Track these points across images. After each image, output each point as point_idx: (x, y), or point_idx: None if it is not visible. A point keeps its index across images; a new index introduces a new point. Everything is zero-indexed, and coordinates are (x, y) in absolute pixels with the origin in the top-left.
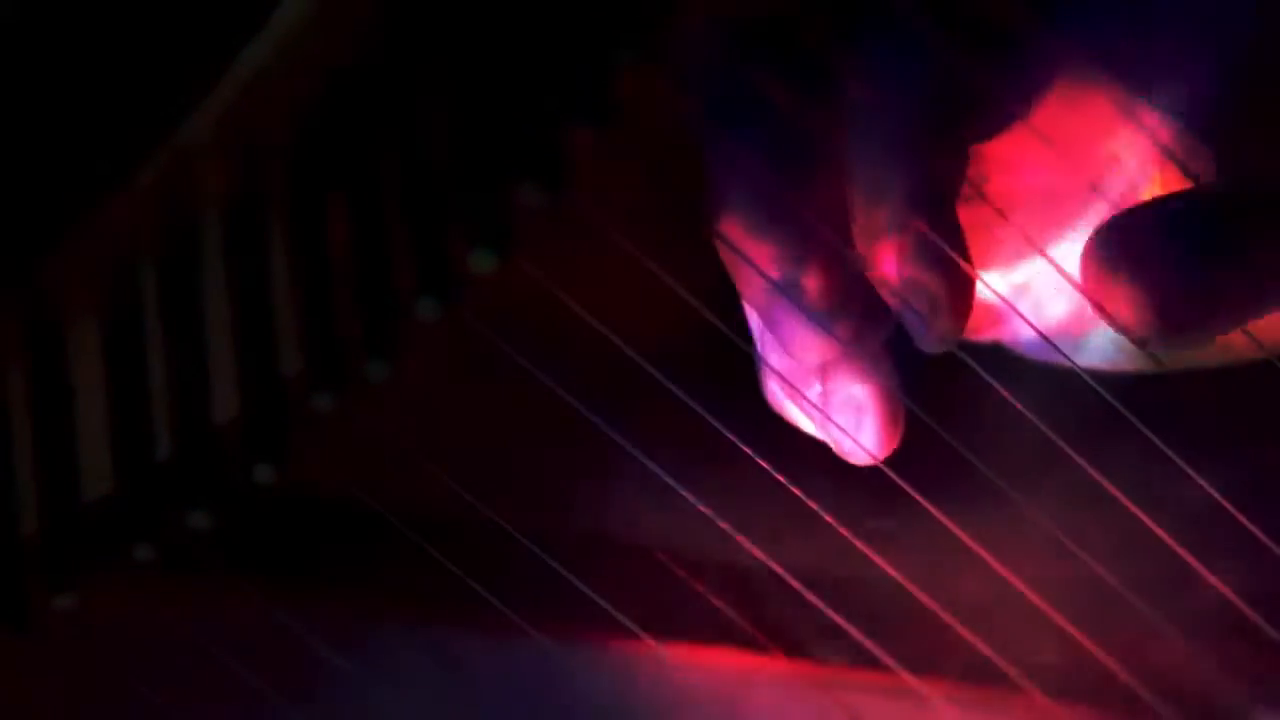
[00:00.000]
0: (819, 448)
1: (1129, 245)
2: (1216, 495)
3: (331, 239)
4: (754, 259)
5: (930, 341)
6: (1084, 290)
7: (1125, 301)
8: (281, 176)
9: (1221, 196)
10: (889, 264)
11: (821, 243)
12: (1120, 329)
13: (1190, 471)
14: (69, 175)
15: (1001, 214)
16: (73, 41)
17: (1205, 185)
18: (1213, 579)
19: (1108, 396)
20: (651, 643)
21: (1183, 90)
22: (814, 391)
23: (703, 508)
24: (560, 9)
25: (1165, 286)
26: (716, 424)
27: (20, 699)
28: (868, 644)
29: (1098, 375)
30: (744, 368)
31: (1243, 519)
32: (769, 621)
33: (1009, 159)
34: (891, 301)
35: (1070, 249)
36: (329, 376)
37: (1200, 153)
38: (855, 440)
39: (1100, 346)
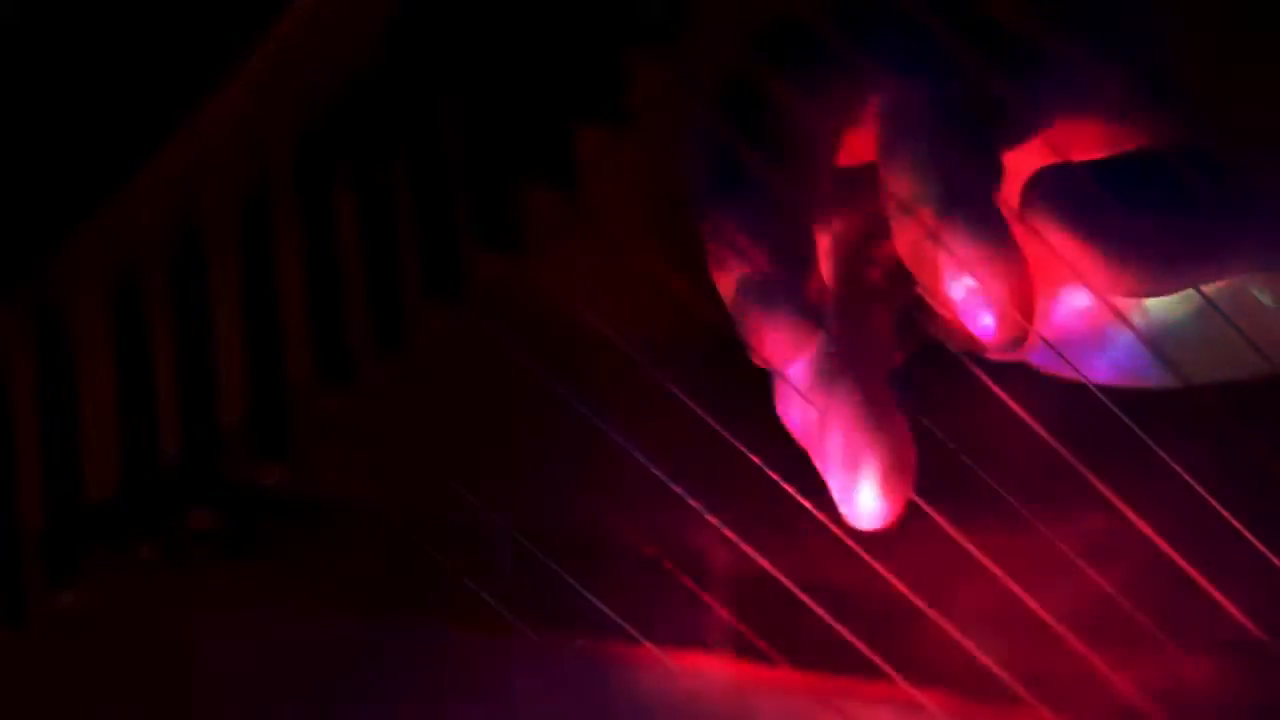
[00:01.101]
0: None
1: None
2: (1220, 507)
3: (339, 238)
4: (739, 250)
5: (998, 342)
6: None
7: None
8: (289, 175)
9: (1162, 153)
10: (935, 266)
11: (805, 242)
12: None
13: (1193, 482)
14: (74, 174)
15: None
16: (76, 41)
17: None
18: (1215, 592)
19: (1112, 406)
20: (653, 649)
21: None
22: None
23: (707, 514)
24: (573, 9)
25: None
26: (719, 428)
27: (20, 699)
28: (869, 654)
29: (1107, 389)
30: (747, 370)
31: (1247, 532)
32: (771, 629)
33: (1025, 171)
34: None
35: None
36: (335, 377)
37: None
38: (850, 497)
39: (1114, 360)
